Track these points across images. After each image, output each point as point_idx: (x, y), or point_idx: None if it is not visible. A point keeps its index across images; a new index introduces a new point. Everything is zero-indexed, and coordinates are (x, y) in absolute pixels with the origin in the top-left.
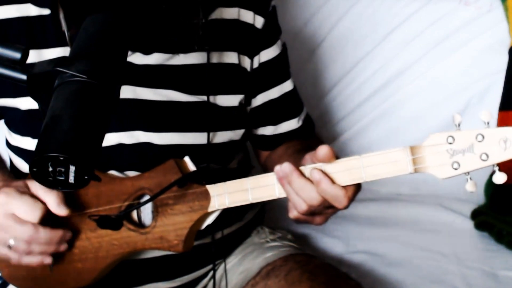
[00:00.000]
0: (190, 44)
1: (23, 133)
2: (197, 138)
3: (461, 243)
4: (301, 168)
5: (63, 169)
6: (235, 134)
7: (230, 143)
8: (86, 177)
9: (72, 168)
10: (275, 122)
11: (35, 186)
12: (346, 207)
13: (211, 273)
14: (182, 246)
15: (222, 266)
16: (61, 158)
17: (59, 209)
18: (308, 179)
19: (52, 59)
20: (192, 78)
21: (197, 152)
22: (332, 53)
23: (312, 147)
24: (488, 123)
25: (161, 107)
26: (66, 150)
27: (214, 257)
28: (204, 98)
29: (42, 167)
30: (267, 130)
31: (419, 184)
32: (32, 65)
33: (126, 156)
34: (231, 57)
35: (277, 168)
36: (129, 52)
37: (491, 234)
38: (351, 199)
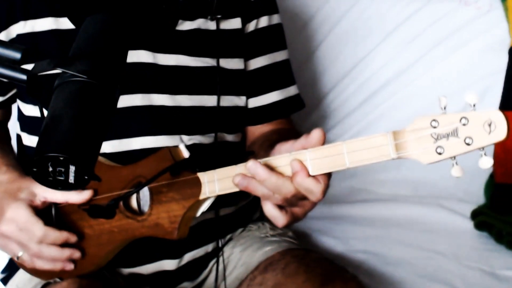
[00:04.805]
0: (203, 12)
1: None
2: (205, 100)
3: (461, 243)
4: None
5: (63, 169)
6: (240, 100)
7: (236, 108)
8: (86, 177)
9: (72, 168)
10: (256, 93)
11: (42, 191)
12: (320, 199)
13: (214, 260)
14: (177, 233)
15: (224, 255)
16: (61, 158)
17: (78, 197)
18: (279, 173)
19: (52, 59)
20: (199, 42)
21: (206, 115)
22: (332, 54)
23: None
24: (474, 105)
25: (173, 71)
26: (66, 150)
27: (220, 233)
28: (211, 62)
29: (42, 167)
30: (251, 103)
31: (419, 185)
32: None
33: (138, 118)
34: (234, 23)
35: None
36: None
37: (491, 234)
38: (325, 191)
